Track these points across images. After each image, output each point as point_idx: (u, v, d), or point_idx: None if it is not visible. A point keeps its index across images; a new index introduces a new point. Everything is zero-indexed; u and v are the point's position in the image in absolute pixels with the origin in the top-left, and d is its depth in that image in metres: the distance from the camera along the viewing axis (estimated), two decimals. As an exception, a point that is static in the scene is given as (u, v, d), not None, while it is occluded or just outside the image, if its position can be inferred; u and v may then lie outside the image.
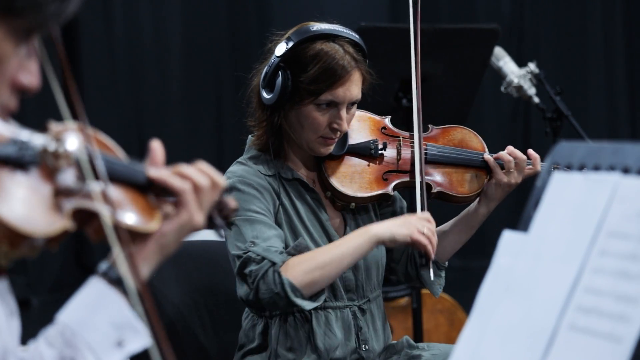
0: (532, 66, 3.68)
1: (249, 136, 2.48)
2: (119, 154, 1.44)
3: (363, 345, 2.43)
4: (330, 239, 2.42)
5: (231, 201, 1.50)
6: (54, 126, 1.34)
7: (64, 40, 1.29)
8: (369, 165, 2.46)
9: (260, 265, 2.27)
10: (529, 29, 6.92)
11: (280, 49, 2.37)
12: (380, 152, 2.47)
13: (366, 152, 2.47)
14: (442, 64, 3.55)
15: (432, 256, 2.33)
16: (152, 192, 1.42)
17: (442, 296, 3.24)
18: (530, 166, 2.51)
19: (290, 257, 2.31)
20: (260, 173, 2.40)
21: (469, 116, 3.75)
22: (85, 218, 1.33)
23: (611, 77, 7.06)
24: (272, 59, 2.38)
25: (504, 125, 6.85)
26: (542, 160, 2.53)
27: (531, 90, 3.68)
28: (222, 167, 6.62)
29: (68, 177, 1.30)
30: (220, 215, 1.48)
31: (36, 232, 1.23)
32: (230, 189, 2.36)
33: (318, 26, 2.38)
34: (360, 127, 2.50)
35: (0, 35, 1.21)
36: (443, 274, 2.57)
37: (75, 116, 1.35)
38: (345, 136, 2.45)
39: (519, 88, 3.68)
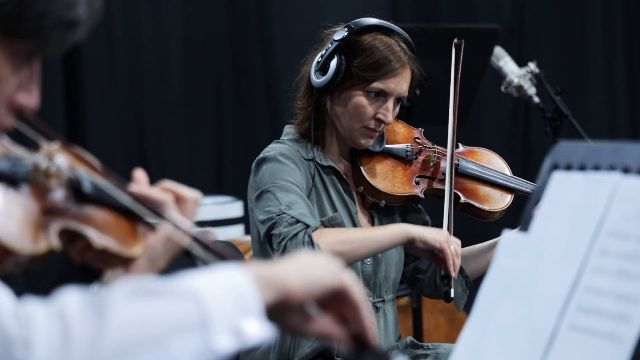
0: (532, 66, 3.68)
1: (285, 127, 2.51)
2: (105, 174, 1.44)
3: None
4: None
5: (210, 232, 1.47)
6: (45, 145, 1.34)
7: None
8: (403, 166, 2.51)
9: (292, 227, 2.30)
10: (529, 29, 6.92)
11: (339, 34, 2.44)
12: (415, 156, 2.54)
13: (402, 154, 2.54)
14: (442, 64, 3.55)
15: (453, 274, 2.32)
16: (137, 216, 1.42)
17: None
18: None
19: (323, 227, 2.35)
20: (299, 153, 2.44)
21: (469, 116, 3.76)
22: (71, 238, 1.33)
23: (611, 77, 7.05)
24: (329, 44, 2.45)
25: (504, 125, 6.84)
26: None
27: (531, 90, 3.68)
28: (222, 167, 6.62)
29: (57, 197, 1.30)
30: (200, 246, 1.47)
31: (23, 249, 1.22)
32: (269, 160, 2.40)
33: (376, 20, 2.48)
34: (396, 132, 2.58)
35: (0, 57, 1.19)
36: (468, 291, 2.59)
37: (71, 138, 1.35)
38: (382, 136, 2.52)
39: (519, 88, 3.68)
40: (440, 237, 2.34)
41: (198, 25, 6.35)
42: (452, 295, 2.36)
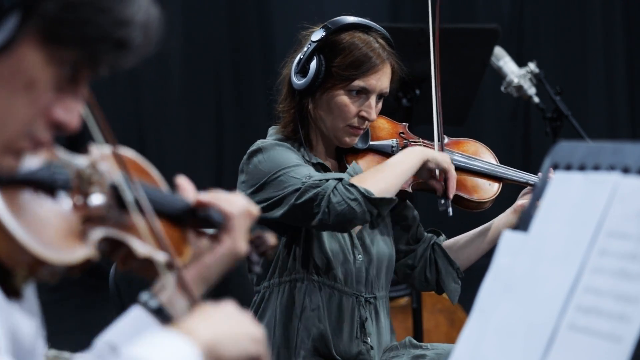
0: (532, 66, 3.68)
1: (269, 128, 2.52)
2: (159, 181, 1.42)
3: (368, 338, 2.44)
4: None
5: (270, 237, 1.47)
6: (94, 149, 1.32)
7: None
8: None
9: (325, 185, 2.31)
10: (529, 29, 6.92)
11: (317, 35, 2.44)
12: (400, 152, 2.52)
13: (387, 150, 2.54)
14: (442, 64, 3.54)
15: (451, 195, 2.43)
16: (189, 225, 1.40)
17: (443, 296, 3.24)
18: None
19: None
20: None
21: (469, 116, 3.76)
22: (113, 247, 1.31)
23: (611, 77, 7.05)
24: (307, 45, 2.45)
25: (504, 125, 6.84)
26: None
27: (531, 90, 3.68)
28: (222, 167, 6.61)
29: (99, 204, 1.28)
30: (257, 252, 1.45)
31: (57, 260, 1.21)
32: (266, 149, 2.40)
33: (353, 18, 2.47)
34: (381, 128, 2.58)
35: (38, 60, 1.14)
36: (460, 282, 2.60)
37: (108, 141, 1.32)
38: (367, 133, 2.52)
39: (519, 88, 3.67)
40: (447, 159, 2.44)
41: (198, 25, 6.36)
42: (451, 214, 2.45)
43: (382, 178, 2.34)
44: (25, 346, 1.25)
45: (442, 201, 2.45)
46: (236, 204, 1.42)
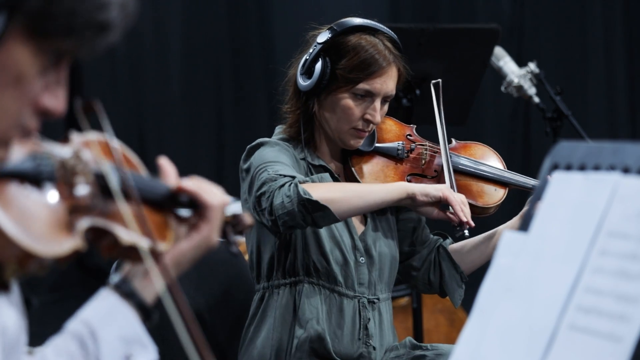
0: (532, 66, 3.68)
1: (276, 127, 2.52)
2: (139, 167, 1.42)
3: (370, 340, 2.44)
4: (349, 230, 2.45)
5: (247, 217, 1.49)
6: (75, 137, 1.32)
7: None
8: (394, 165, 2.52)
9: (279, 180, 2.29)
10: (529, 29, 6.91)
11: (323, 36, 2.44)
12: (406, 154, 2.53)
13: (393, 153, 2.54)
14: (442, 64, 3.54)
15: (464, 218, 2.37)
16: (170, 210, 1.41)
17: (443, 296, 3.24)
18: None
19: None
20: (293, 150, 2.46)
21: (469, 116, 3.76)
22: (98, 235, 1.32)
23: (611, 77, 7.04)
24: (313, 47, 2.45)
25: (504, 125, 6.84)
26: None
27: (531, 90, 3.68)
28: (222, 167, 6.60)
29: (84, 194, 1.28)
30: (234, 231, 1.47)
31: (46, 252, 1.21)
32: (261, 144, 2.41)
33: (360, 20, 2.47)
34: (388, 130, 2.58)
35: (26, 54, 1.15)
36: (464, 287, 2.59)
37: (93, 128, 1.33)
38: (373, 135, 2.52)
39: (519, 88, 3.67)
40: (442, 187, 2.39)
41: (198, 25, 6.35)
42: (468, 235, 2.40)
43: (337, 190, 2.32)
44: (10, 338, 1.26)
45: (458, 228, 2.41)
46: (217, 196, 1.44)
